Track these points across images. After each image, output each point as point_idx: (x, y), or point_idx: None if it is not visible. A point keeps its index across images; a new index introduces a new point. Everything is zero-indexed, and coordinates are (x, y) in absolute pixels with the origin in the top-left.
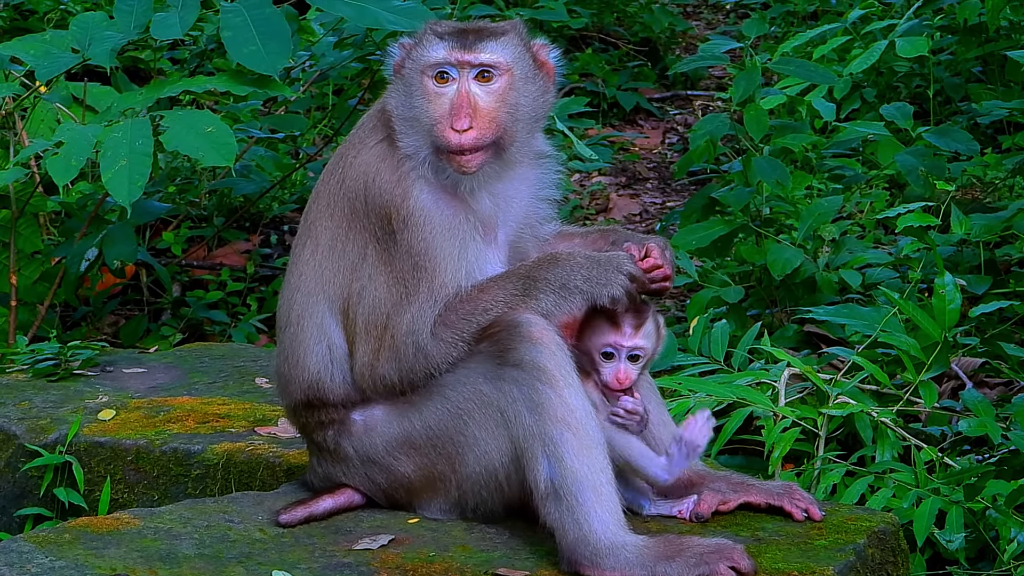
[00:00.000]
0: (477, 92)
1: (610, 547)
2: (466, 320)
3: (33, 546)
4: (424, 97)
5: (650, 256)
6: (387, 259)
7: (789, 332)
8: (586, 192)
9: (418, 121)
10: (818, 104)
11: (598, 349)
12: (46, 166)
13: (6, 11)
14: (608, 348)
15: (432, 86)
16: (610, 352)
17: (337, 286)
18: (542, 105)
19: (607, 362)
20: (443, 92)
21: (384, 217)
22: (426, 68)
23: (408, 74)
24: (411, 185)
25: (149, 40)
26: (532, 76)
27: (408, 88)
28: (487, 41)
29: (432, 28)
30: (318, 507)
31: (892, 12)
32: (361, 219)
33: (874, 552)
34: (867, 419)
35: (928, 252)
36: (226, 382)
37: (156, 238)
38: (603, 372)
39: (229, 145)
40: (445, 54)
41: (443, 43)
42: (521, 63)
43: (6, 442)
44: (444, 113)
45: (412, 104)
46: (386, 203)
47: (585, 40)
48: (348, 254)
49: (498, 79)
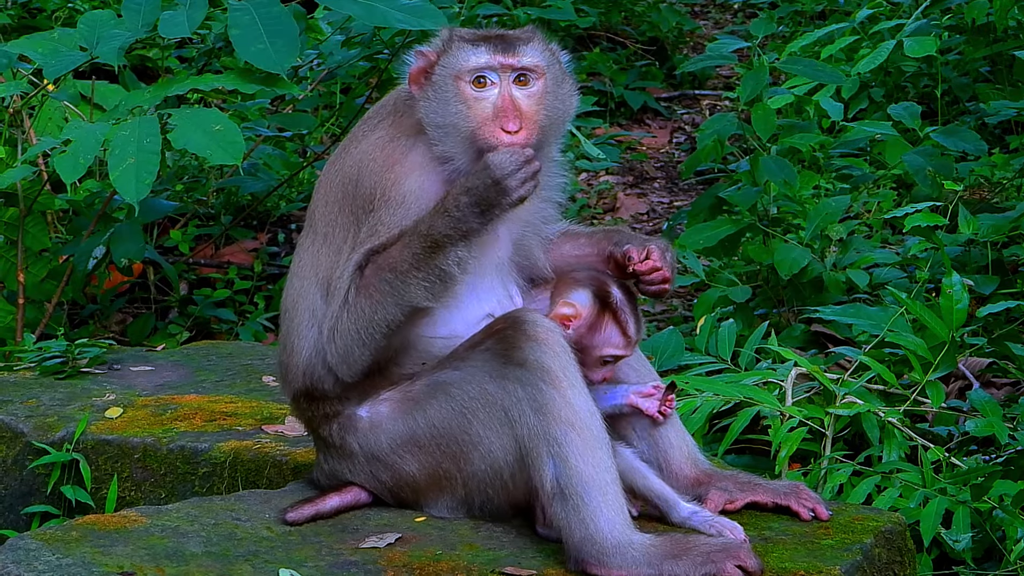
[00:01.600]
0: (518, 95)
1: (616, 546)
2: (377, 274)
3: (40, 544)
4: (463, 103)
5: (650, 258)
6: (356, 235)
7: (796, 332)
8: (593, 191)
9: (457, 128)
10: (826, 104)
11: (599, 351)
12: (54, 164)
13: (14, 9)
14: (610, 357)
15: (471, 91)
16: (610, 360)
17: (326, 269)
18: (570, 108)
19: (603, 366)
20: (484, 96)
21: (369, 198)
22: (464, 73)
23: (440, 81)
24: (406, 173)
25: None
26: (562, 79)
27: (441, 95)
28: (523, 45)
29: (459, 35)
30: (325, 505)
31: (900, 12)
32: (350, 203)
33: (881, 552)
34: (874, 419)
35: (935, 252)
36: (233, 380)
37: (164, 236)
38: (595, 373)
39: (237, 143)
40: (488, 59)
41: (481, 48)
42: (552, 66)
43: (13, 440)
44: (488, 117)
45: (449, 110)
46: (374, 185)
47: (593, 39)
48: (337, 238)
49: (535, 82)
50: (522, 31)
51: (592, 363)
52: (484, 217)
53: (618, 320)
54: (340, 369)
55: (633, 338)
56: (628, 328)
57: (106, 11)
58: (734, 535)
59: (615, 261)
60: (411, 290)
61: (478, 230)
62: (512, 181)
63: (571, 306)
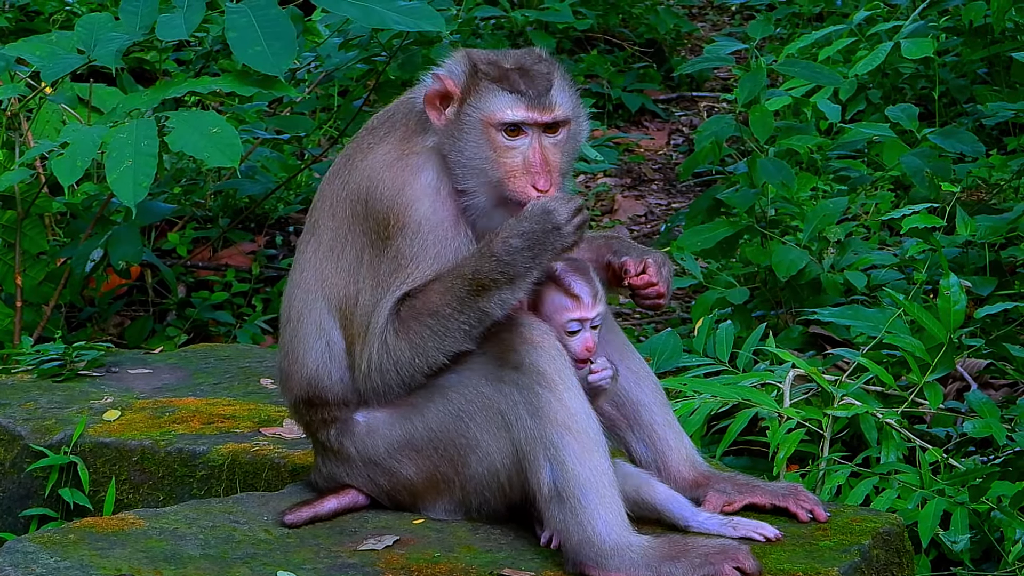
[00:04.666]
0: (547, 144)
1: (614, 548)
2: (416, 319)
3: (38, 546)
4: (493, 150)
5: (647, 272)
6: (377, 264)
7: (794, 333)
8: (591, 193)
9: (483, 172)
10: (823, 105)
11: (562, 325)
12: (51, 167)
13: (12, 12)
14: (574, 324)
15: (502, 140)
16: (576, 327)
17: (335, 287)
18: (583, 140)
19: (572, 336)
20: (515, 146)
21: (383, 222)
22: (496, 123)
23: (469, 122)
24: (418, 197)
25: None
26: (582, 119)
27: (469, 136)
28: (555, 94)
29: (485, 72)
30: (323, 508)
31: (897, 13)
32: (361, 223)
33: (879, 553)
34: (872, 420)
35: (933, 253)
36: (231, 383)
37: (161, 239)
38: (571, 346)
39: (234, 146)
40: (524, 114)
41: (515, 99)
42: (576, 109)
43: (11, 443)
44: (518, 169)
45: (477, 155)
46: (387, 209)
47: (590, 41)
48: (346, 256)
49: (562, 130)
50: (548, 68)
51: (563, 340)
52: (535, 261)
53: (559, 284)
54: (374, 399)
55: (582, 297)
56: (573, 288)
57: (104, 14)
58: (762, 532)
59: (612, 271)
60: (452, 334)
61: (525, 274)
62: (568, 227)
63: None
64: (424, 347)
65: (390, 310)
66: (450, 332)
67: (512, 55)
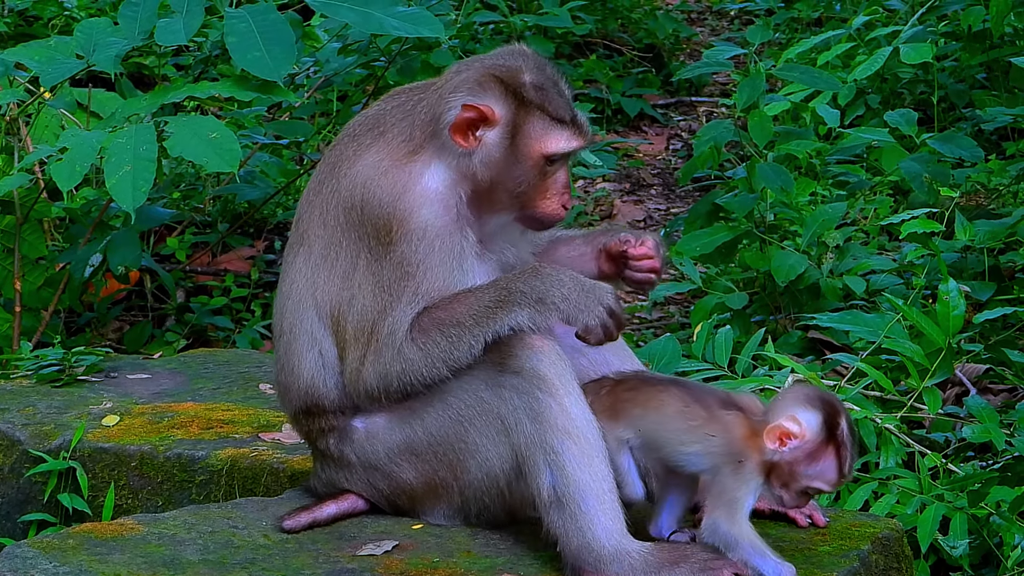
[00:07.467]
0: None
1: (614, 554)
2: (439, 328)
3: (37, 552)
4: (537, 175)
5: (644, 245)
6: (377, 268)
7: (793, 338)
8: (590, 198)
9: (519, 194)
10: (822, 110)
11: (808, 482)
12: (50, 172)
13: (11, 17)
14: (815, 491)
15: (546, 166)
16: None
17: (327, 294)
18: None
19: (802, 497)
20: (553, 171)
21: (383, 228)
22: (551, 153)
23: (515, 150)
24: (420, 203)
25: (153, 46)
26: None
27: (511, 160)
28: (583, 117)
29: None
30: (322, 513)
31: (896, 18)
32: (356, 229)
33: (878, 558)
34: (871, 425)
35: (932, 258)
36: (230, 388)
37: (160, 244)
38: (789, 500)
39: (233, 151)
40: (577, 145)
41: (571, 133)
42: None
43: (10, 448)
44: (551, 190)
45: (516, 177)
46: (387, 215)
47: (589, 46)
48: (340, 263)
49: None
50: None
51: (792, 490)
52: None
53: (839, 455)
54: (365, 403)
55: (847, 478)
56: (845, 467)
57: (103, 19)
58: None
59: (607, 252)
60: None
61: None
62: (607, 314)
63: (797, 423)
64: (434, 359)
65: (411, 320)
66: (463, 344)
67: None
